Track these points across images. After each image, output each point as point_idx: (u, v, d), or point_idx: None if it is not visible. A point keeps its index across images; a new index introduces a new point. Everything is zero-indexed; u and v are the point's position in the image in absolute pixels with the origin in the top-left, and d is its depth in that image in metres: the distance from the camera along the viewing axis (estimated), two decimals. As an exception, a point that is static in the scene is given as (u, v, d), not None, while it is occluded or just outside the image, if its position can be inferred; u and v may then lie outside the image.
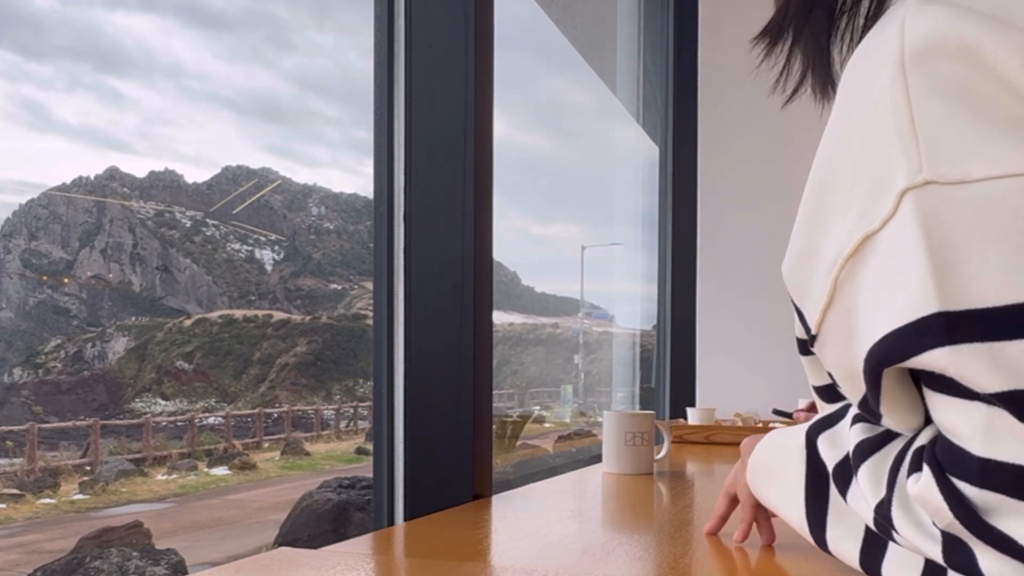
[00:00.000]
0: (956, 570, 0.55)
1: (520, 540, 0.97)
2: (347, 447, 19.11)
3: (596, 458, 1.53)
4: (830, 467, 0.68)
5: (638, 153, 3.31)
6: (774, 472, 0.77)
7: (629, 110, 3.20)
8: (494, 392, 1.31)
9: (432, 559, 0.88)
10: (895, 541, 0.62)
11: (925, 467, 0.55)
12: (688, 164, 2.73)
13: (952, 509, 0.53)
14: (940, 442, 0.55)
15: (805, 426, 0.73)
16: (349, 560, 0.85)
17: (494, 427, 1.45)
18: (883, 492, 0.59)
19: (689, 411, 2.22)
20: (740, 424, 2.17)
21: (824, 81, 0.68)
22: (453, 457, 1.24)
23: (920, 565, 0.60)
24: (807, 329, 0.62)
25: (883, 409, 0.59)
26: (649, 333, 3.22)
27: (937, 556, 0.56)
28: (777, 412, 2.11)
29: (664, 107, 2.93)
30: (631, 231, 3.41)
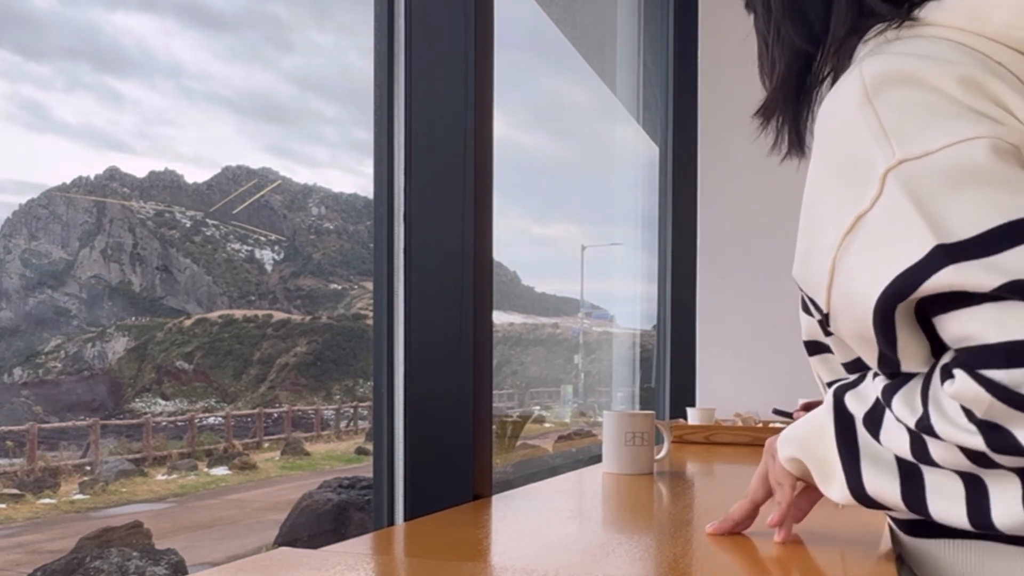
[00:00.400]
0: (1000, 452, 0.67)
1: (520, 540, 0.97)
2: (347, 447, 19.09)
3: (596, 458, 1.53)
4: (859, 417, 0.79)
5: (638, 153, 3.31)
6: (806, 438, 0.85)
7: (629, 110, 3.20)
8: (494, 392, 1.31)
9: (432, 559, 0.88)
10: (932, 462, 0.72)
11: (956, 370, 0.68)
12: (688, 164, 2.73)
13: (990, 392, 0.65)
14: (963, 351, 0.68)
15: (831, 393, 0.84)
16: (349, 560, 0.85)
17: (494, 427, 1.45)
18: (920, 410, 0.71)
19: (689, 411, 2.22)
20: (740, 424, 2.17)
21: (802, 143, 0.90)
22: (453, 457, 1.24)
23: (962, 493, 0.72)
24: (820, 312, 0.76)
25: (899, 353, 0.72)
26: (649, 333, 3.22)
27: (980, 446, 0.67)
28: (777, 412, 2.11)
29: (664, 107, 2.93)
30: (631, 231, 3.40)
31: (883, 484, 0.77)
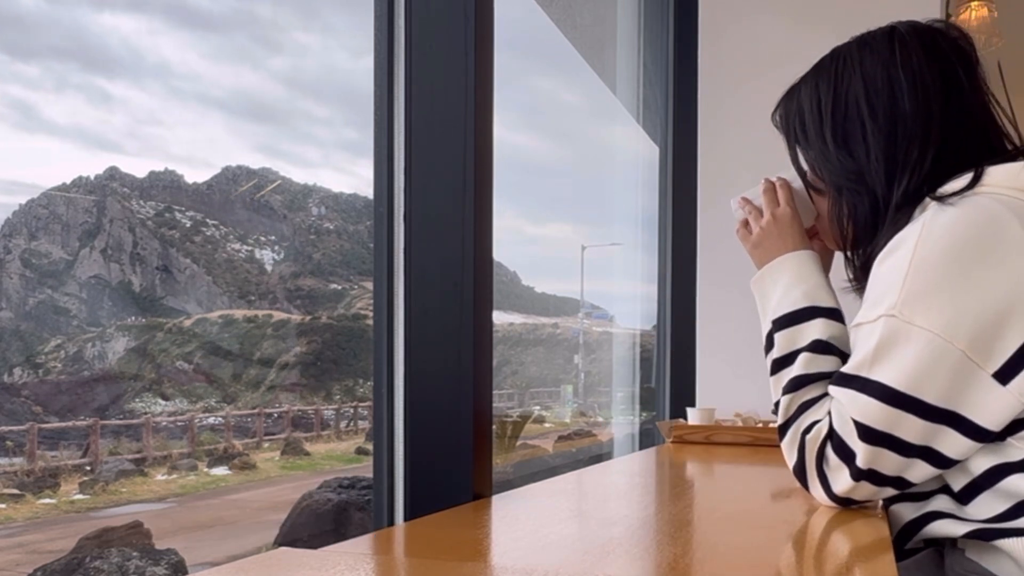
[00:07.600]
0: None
1: (520, 540, 0.97)
2: (347, 447, 19.10)
3: (596, 458, 1.53)
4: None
5: (638, 153, 3.31)
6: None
7: (629, 110, 3.20)
8: (494, 392, 1.31)
9: (432, 559, 0.88)
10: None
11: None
12: (688, 164, 2.72)
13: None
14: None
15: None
16: (349, 560, 0.84)
17: (494, 427, 1.45)
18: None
19: (689, 411, 2.22)
20: (740, 424, 2.17)
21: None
22: (453, 457, 1.24)
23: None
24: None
25: None
26: (649, 333, 3.22)
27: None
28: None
29: (664, 107, 2.92)
30: (631, 231, 3.40)
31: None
